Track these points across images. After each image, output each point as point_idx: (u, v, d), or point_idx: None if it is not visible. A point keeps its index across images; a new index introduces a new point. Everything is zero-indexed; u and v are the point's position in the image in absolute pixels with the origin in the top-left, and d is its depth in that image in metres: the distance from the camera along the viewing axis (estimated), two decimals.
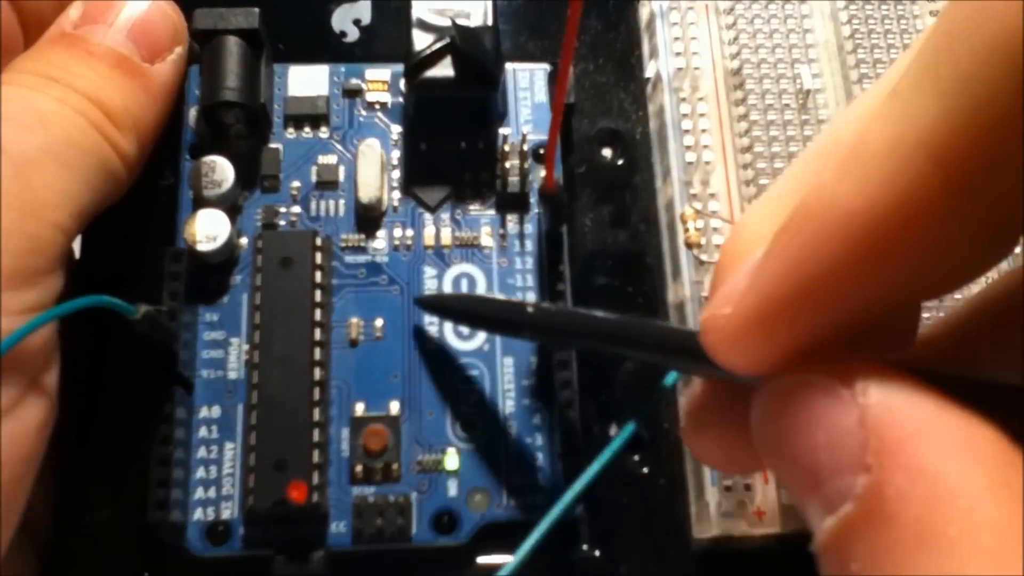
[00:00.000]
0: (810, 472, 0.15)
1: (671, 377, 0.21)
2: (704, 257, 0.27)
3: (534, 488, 0.26)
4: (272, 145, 0.29)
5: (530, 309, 0.23)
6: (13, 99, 0.24)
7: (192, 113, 0.29)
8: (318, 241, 0.27)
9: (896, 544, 0.13)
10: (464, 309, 0.27)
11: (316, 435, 0.25)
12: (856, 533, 0.14)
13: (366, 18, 0.31)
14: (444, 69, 0.28)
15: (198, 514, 0.26)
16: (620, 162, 0.30)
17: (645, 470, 0.27)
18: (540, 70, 0.31)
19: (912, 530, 0.13)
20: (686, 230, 0.27)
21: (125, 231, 0.28)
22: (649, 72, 0.31)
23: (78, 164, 0.24)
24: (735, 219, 0.28)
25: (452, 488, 0.26)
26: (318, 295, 0.26)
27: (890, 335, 0.18)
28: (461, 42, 0.27)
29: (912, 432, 0.14)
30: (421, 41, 0.28)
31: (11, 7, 0.26)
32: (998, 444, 0.14)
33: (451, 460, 0.26)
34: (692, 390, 0.21)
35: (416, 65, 0.27)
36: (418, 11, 0.28)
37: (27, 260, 0.22)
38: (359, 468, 0.26)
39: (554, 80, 0.30)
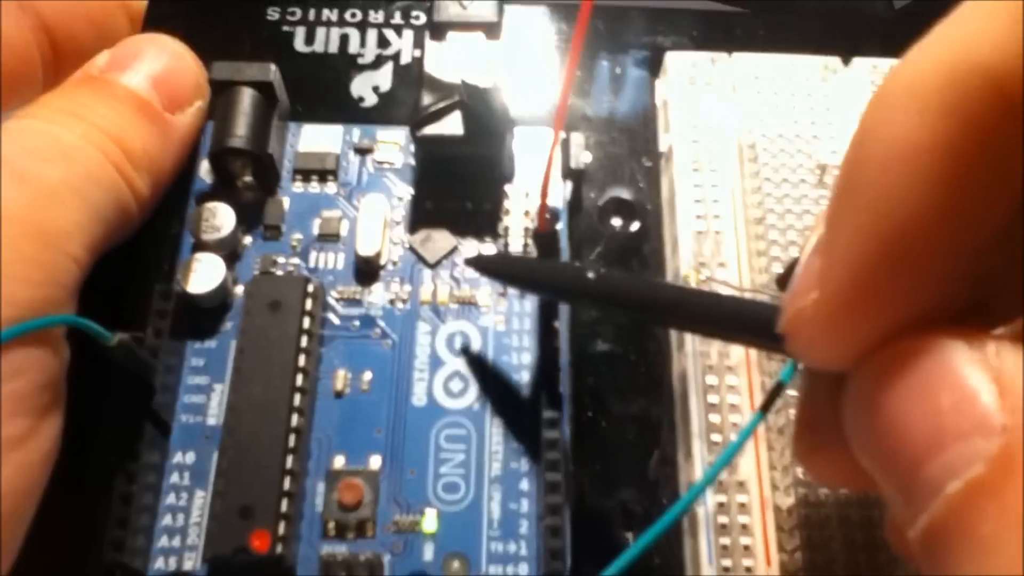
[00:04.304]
0: (927, 441, 0.14)
1: (787, 372, 0.18)
2: None
3: (515, 557, 0.24)
4: (278, 198, 0.29)
5: (591, 275, 0.23)
6: (37, 132, 0.24)
7: (204, 165, 0.29)
8: (310, 288, 0.26)
9: None
10: (524, 276, 0.26)
11: (287, 483, 0.24)
12: (987, 495, 0.13)
13: (385, 85, 0.32)
14: (451, 126, 0.28)
15: (159, 563, 0.24)
16: (630, 230, 0.30)
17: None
18: (551, 132, 0.30)
19: None
20: None
21: (126, 265, 0.27)
22: (663, 146, 0.31)
23: (95, 198, 0.24)
24: (743, 285, 0.27)
25: (428, 551, 0.24)
26: (304, 341, 0.26)
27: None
28: (469, 100, 0.27)
29: None
30: (431, 98, 0.28)
31: (32, 37, 0.27)
32: None
33: (429, 521, 0.25)
34: (800, 407, 0.19)
35: (422, 120, 0.27)
36: (430, 69, 0.28)
37: (44, 291, 0.22)
38: (331, 523, 0.24)
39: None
